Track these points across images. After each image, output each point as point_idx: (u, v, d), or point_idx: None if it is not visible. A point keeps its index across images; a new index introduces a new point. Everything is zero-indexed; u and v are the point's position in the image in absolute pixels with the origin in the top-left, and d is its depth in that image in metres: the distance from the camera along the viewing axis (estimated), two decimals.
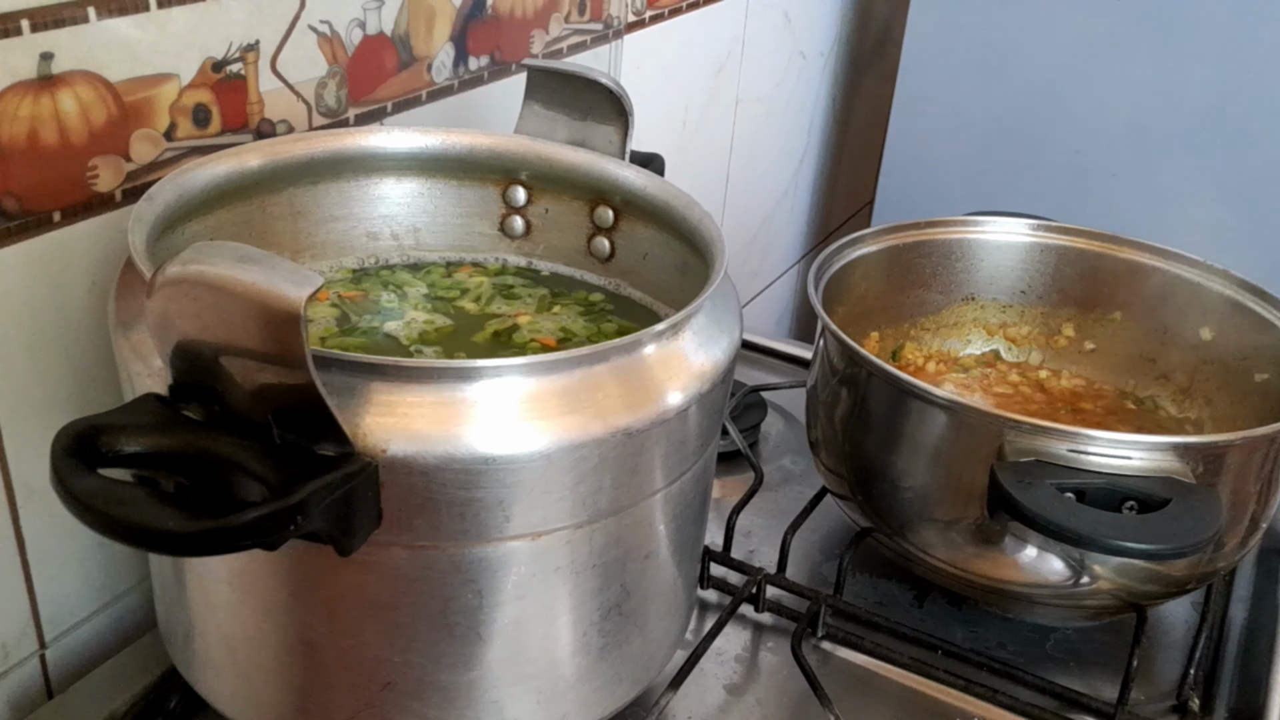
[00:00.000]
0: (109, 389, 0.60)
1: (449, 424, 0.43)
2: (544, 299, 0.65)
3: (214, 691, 0.53)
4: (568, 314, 0.64)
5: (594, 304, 0.65)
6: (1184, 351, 0.78)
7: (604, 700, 0.54)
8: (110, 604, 0.65)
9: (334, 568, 0.44)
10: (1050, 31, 1.23)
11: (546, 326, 0.62)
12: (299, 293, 0.37)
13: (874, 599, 0.72)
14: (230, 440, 0.40)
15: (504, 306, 0.64)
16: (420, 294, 0.64)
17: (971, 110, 1.30)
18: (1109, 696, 0.63)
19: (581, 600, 0.50)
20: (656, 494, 0.50)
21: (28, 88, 0.53)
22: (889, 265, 0.81)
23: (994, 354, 0.85)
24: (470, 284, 0.65)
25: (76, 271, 0.57)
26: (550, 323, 0.63)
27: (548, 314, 0.63)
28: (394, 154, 0.65)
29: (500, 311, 0.63)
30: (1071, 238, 0.82)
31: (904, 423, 0.64)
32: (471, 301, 0.64)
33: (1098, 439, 0.58)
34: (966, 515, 0.63)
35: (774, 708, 0.63)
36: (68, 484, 0.37)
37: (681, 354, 0.49)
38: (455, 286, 0.65)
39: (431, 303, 0.63)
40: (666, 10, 1.04)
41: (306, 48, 0.66)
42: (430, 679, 0.48)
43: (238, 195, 0.59)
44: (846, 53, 1.50)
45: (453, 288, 0.65)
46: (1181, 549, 0.55)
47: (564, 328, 0.62)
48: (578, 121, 0.64)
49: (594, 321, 0.63)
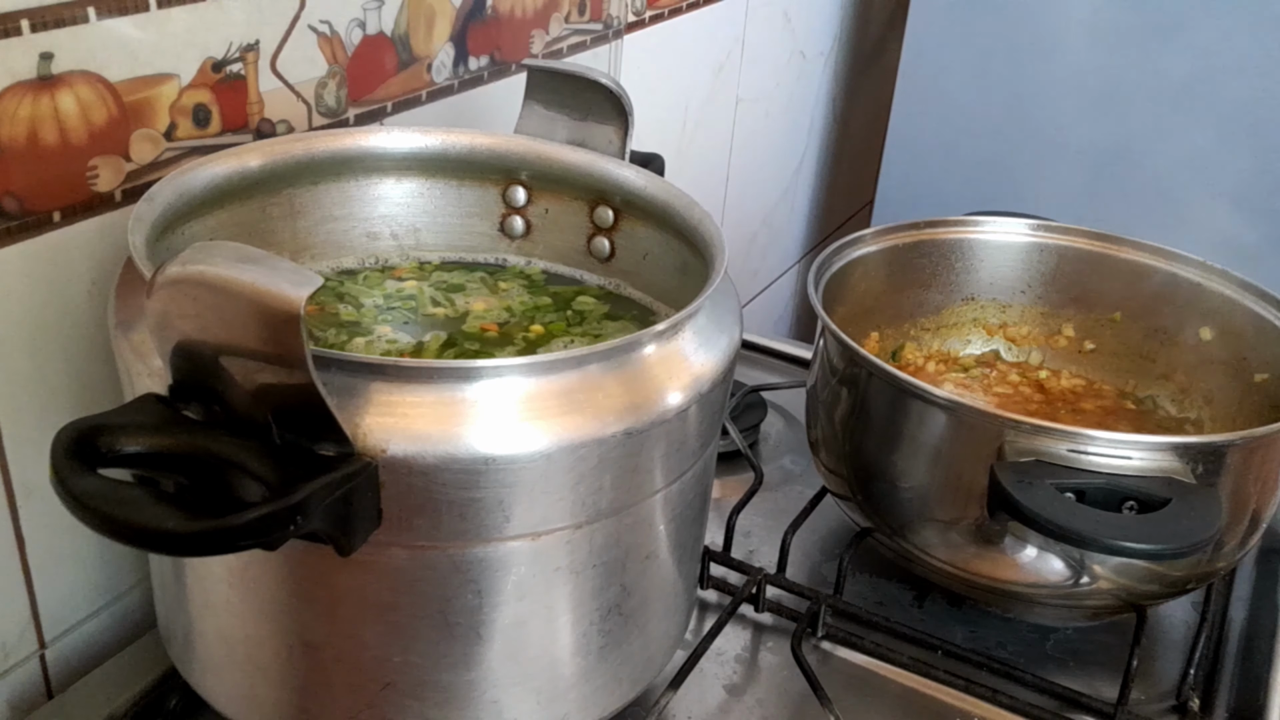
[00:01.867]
0: (109, 389, 0.60)
1: (449, 424, 0.43)
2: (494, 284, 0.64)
3: (214, 691, 0.53)
4: (513, 290, 0.63)
5: (529, 276, 0.65)
6: (1184, 351, 0.78)
7: (604, 700, 0.54)
8: (110, 604, 0.65)
9: (334, 568, 0.44)
10: (1050, 31, 1.23)
11: (494, 309, 0.62)
12: (299, 293, 0.37)
13: (874, 599, 0.72)
14: (230, 440, 0.40)
15: (465, 300, 0.63)
16: (375, 304, 0.62)
17: (971, 110, 1.30)
18: (1109, 696, 0.63)
19: (581, 600, 0.50)
20: (656, 494, 0.50)
21: (28, 88, 0.53)
22: (889, 265, 0.81)
23: (994, 354, 0.85)
24: (411, 288, 0.64)
25: (76, 271, 0.57)
26: (498, 302, 0.62)
27: (495, 295, 0.63)
28: (394, 154, 0.65)
29: (457, 305, 0.63)
30: (1071, 238, 0.82)
31: (904, 423, 0.64)
32: (432, 305, 0.63)
33: (1098, 439, 0.58)
34: (966, 515, 0.63)
35: (774, 708, 0.63)
36: (68, 484, 0.37)
37: (681, 354, 0.49)
38: (398, 295, 0.63)
39: (389, 314, 0.62)
40: (666, 10, 1.04)
41: (306, 48, 0.66)
42: (430, 679, 0.48)
43: (237, 195, 0.59)
44: (846, 53, 1.50)
45: (399, 294, 0.63)
46: (1181, 549, 0.55)
47: (507, 306, 0.62)
48: (578, 121, 0.64)
49: (534, 295, 0.64)
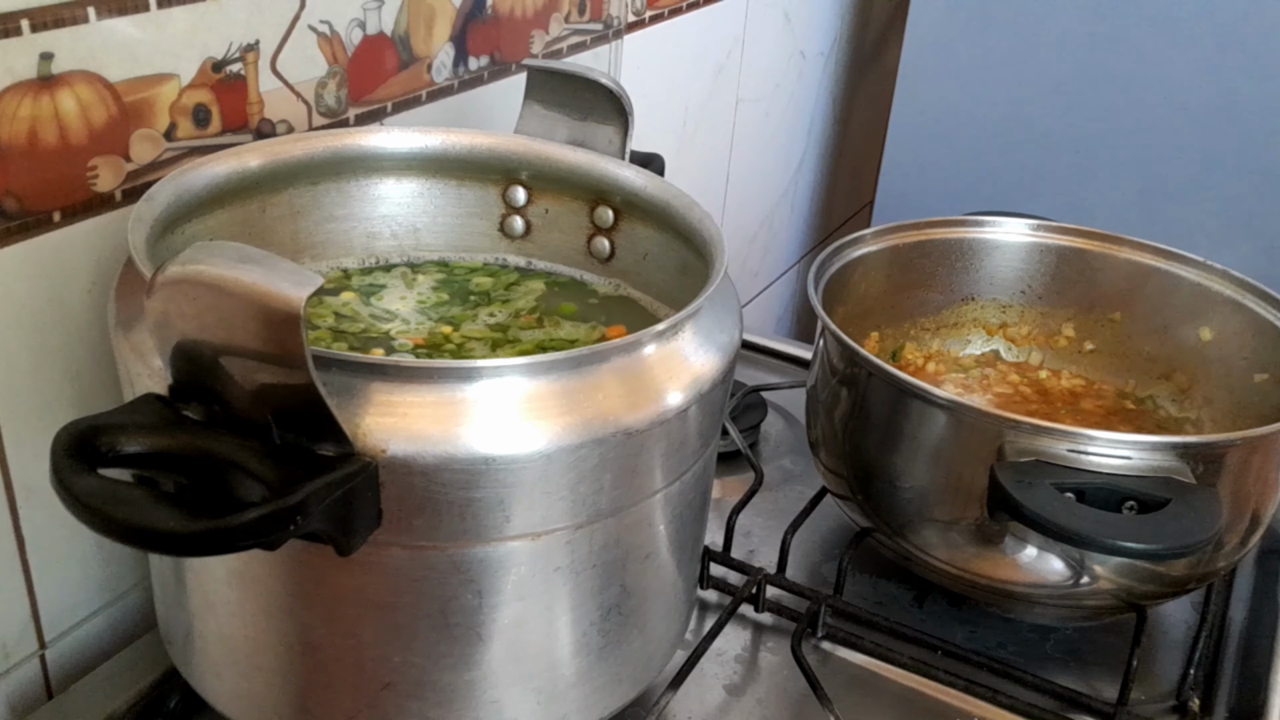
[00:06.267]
0: (109, 389, 0.60)
1: (449, 424, 0.43)
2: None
3: (214, 691, 0.53)
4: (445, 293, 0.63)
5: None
6: (1184, 351, 0.78)
7: (604, 700, 0.54)
8: (110, 604, 0.65)
9: (334, 568, 0.44)
10: (1050, 31, 1.23)
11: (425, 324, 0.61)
12: (299, 293, 0.37)
13: (874, 599, 0.72)
14: (230, 440, 0.40)
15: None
16: (327, 326, 0.60)
17: (971, 110, 1.30)
18: (1109, 696, 0.63)
19: (581, 600, 0.50)
20: (656, 494, 0.50)
21: (28, 88, 0.53)
22: (889, 265, 0.81)
23: (994, 354, 0.85)
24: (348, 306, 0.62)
25: (76, 271, 0.57)
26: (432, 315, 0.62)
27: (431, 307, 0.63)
28: (394, 154, 0.65)
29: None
30: (1071, 238, 0.82)
31: (904, 423, 0.64)
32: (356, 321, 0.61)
33: (1098, 439, 0.58)
34: (966, 515, 0.63)
35: (774, 708, 0.63)
36: (68, 484, 0.37)
37: (681, 354, 0.49)
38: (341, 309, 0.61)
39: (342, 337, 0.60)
40: (666, 10, 1.04)
41: (306, 48, 0.66)
42: (430, 679, 0.48)
43: (238, 195, 0.59)
44: (846, 53, 1.50)
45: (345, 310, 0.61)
46: (1181, 549, 0.55)
47: (444, 317, 0.62)
48: (578, 121, 0.64)
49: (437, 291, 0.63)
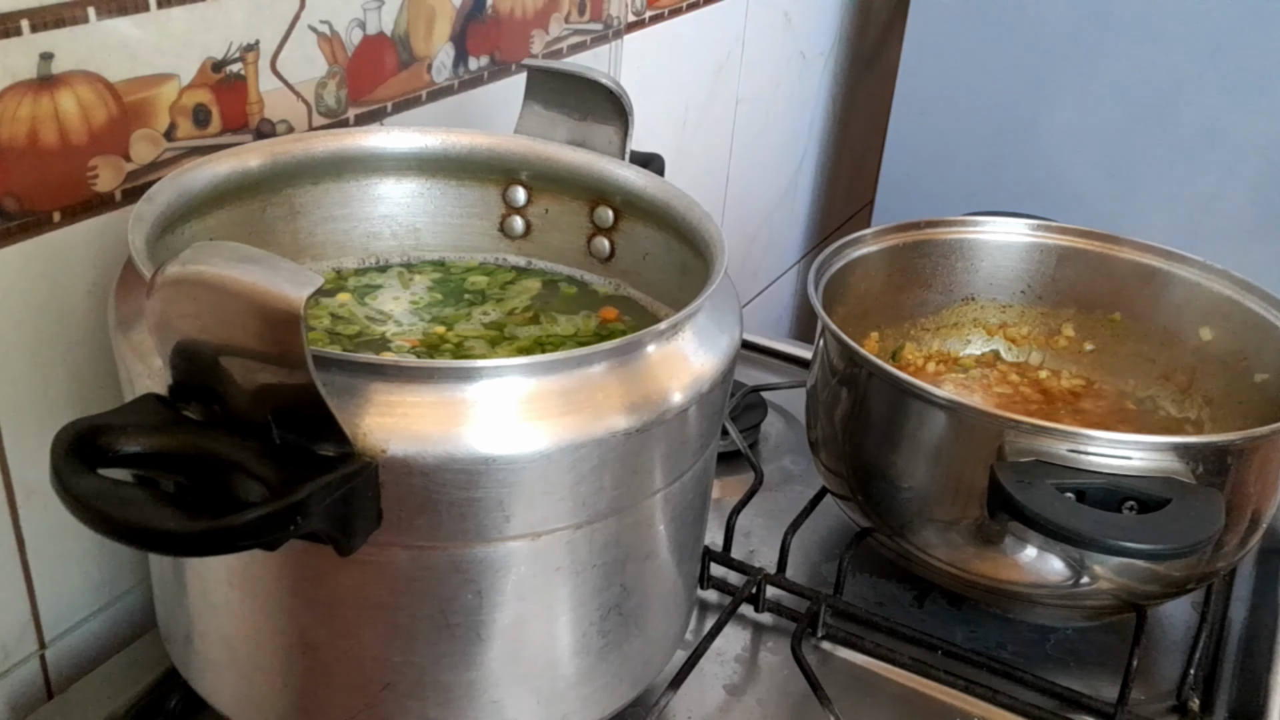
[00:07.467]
0: (109, 389, 0.60)
1: (449, 424, 0.43)
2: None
3: (214, 691, 0.53)
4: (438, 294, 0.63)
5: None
6: (1184, 351, 0.78)
7: (604, 700, 0.54)
8: (110, 604, 0.65)
9: (334, 568, 0.44)
10: (1051, 32, 1.23)
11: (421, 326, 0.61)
12: (299, 293, 0.37)
13: (874, 599, 0.72)
14: (230, 440, 0.40)
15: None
16: (324, 328, 0.60)
17: (971, 110, 1.30)
18: (1109, 696, 0.63)
19: (581, 600, 0.50)
20: (656, 494, 0.50)
21: (28, 88, 0.53)
22: (889, 265, 0.81)
23: (994, 354, 0.85)
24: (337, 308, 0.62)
25: (76, 271, 0.57)
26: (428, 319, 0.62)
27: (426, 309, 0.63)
28: (394, 154, 0.65)
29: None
30: (1071, 238, 0.82)
31: (904, 423, 0.64)
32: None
33: (1098, 439, 0.58)
34: (966, 515, 0.63)
35: (774, 708, 0.63)
36: (68, 484, 0.37)
37: (681, 354, 0.49)
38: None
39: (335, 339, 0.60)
40: (666, 10, 1.04)
41: (306, 48, 0.66)
42: (430, 679, 0.48)
43: (238, 195, 0.59)
44: (846, 53, 1.50)
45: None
46: (1181, 549, 0.55)
47: (437, 317, 0.62)
48: (578, 121, 0.64)
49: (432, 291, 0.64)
